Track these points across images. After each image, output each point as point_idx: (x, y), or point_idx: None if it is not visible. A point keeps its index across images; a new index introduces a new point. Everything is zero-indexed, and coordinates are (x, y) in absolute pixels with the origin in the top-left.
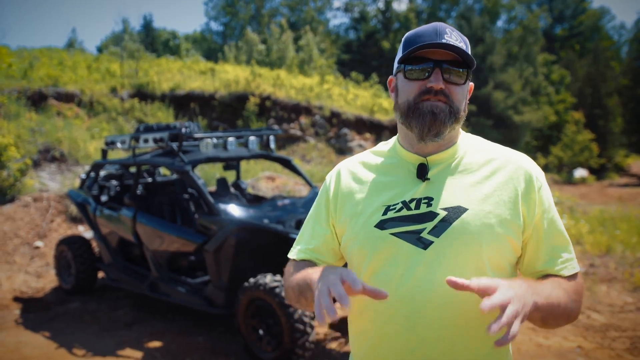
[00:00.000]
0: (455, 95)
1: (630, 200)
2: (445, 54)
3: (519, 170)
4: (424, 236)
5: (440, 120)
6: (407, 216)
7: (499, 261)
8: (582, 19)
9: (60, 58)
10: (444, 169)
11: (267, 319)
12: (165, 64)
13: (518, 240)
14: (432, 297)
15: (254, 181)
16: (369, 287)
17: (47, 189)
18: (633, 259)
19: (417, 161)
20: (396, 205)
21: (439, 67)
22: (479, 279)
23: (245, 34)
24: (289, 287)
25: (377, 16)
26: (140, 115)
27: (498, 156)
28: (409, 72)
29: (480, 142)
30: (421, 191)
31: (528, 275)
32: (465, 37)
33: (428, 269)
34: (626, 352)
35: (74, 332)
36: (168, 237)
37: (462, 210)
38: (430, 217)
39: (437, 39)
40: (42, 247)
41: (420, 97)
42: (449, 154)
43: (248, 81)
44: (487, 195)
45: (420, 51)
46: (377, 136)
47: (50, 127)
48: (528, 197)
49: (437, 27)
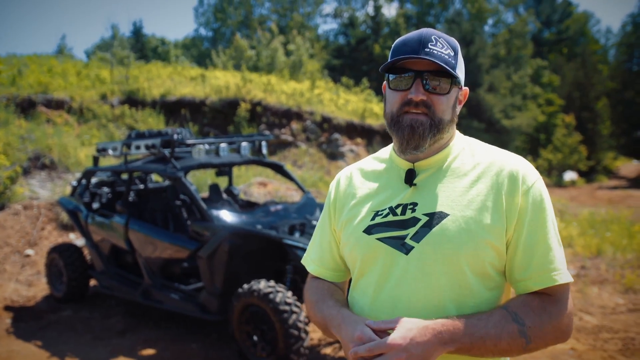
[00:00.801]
0: (438, 106)
1: (620, 202)
2: (428, 64)
3: (503, 172)
4: (407, 242)
5: (419, 134)
6: (392, 222)
7: (479, 266)
8: (568, 23)
9: (50, 65)
10: (432, 174)
11: (262, 324)
12: (155, 70)
13: (501, 244)
14: (411, 302)
15: (245, 187)
16: (377, 325)
17: (37, 196)
18: (623, 260)
19: (407, 167)
20: (383, 211)
21: (419, 78)
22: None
23: (235, 40)
24: (313, 315)
25: (366, 21)
26: (130, 122)
27: (485, 160)
28: (392, 82)
29: (474, 146)
30: (408, 197)
31: (511, 284)
32: (454, 41)
33: (408, 274)
34: (618, 353)
35: (67, 341)
36: (161, 244)
37: (443, 215)
38: (413, 223)
39: (420, 48)
40: (32, 255)
41: (402, 109)
42: (438, 159)
43: (239, 87)
44: (470, 200)
45: (403, 61)
46: (369, 141)
47: (40, 134)
48: (511, 200)
49: (422, 35)
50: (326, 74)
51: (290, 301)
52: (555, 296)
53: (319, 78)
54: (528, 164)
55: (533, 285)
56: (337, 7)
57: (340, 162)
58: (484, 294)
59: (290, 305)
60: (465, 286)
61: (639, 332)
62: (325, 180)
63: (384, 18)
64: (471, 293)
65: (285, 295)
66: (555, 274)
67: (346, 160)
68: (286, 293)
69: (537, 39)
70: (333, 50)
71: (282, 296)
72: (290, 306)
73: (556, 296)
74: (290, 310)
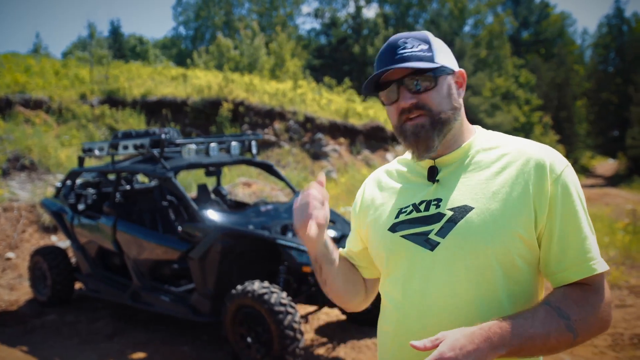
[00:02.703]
0: (432, 101)
1: (598, 200)
2: (403, 69)
3: (530, 162)
4: (432, 237)
5: (424, 137)
6: (416, 218)
7: (509, 259)
8: (546, 25)
9: (27, 64)
10: (455, 169)
11: (256, 326)
12: (135, 69)
13: (530, 235)
14: (439, 298)
15: (230, 187)
16: None
17: (17, 198)
18: (607, 257)
19: (428, 164)
20: (407, 208)
21: (401, 85)
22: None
23: (217, 39)
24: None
25: (347, 21)
26: (111, 122)
27: (510, 150)
28: (382, 98)
29: (498, 138)
30: (431, 193)
31: (546, 277)
32: (424, 34)
33: (435, 270)
34: (608, 348)
35: (53, 345)
36: (150, 245)
37: (467, 209)
38: (437, 218)
39: (392, 57)
40: (13, 258)
41: (401, 119)
42: (459, 154)
43: (221, 87)
44: (494, 192)
45: (384, 75)
46: (352, 141)
47: (20, 134)
48: (540, 190)
49: (390, 44)
50: (308, 73)
51: (285, 302)
52: (594, 285)
53: (301, 78)
54: (555, 152)
55: (572, 276)
56: (319, 7)
57: (323, 162)
58: (512, 287)
59: (285, 306)
60: (493, 279)
61: (627, 328)
62: (310, 180)
63: (365, 18)
64: (499, 286)
65: (280, 296)
66: (594, 263)
67: (329, 160)
68: (281, 294)
69: (514, 39)
70: (314, 50)
71: (277, 297)
72: (285, 307)
73: (595, 285)
74: (286, 311)
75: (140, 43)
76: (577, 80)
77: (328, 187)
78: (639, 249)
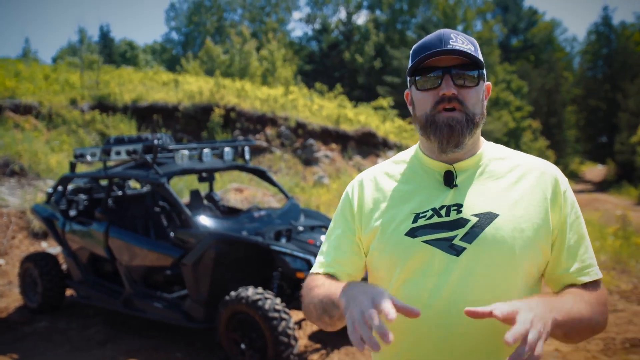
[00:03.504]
0: (469, 100)
1: (587, 205)
2: (453, 59)
3: (545, 175)
4: (456, 243)
5: (458, 131)
6: (439, 223)
7: (530, 267)
8: (535, 32)
9: (16, 69)
10: (470, 175)
11: (250, 332)
12: (126, 75)
13: (547, 245)
14: (468, 304)
15: (222, 193)
16: (401, 305)
17: (7, 204)
18: (598, 262)
19: (443, 168)
20: (426, 213)
21: (448, 74)
22: (499, 305)
23: (206, 44)
24: (310, 303)
25: (338, 27)
26: (101, 128)
27: (522, 162)
28: (419, 83)
29: (504, 150)
30: (450, 198)
31: (550, 281)
32: (472, 38)
33: (462, 276)
34: (600, 353)
35: (44, 353)
36: (143, 252)
37: (493, 216)
38: (462, 224)
39: (442, 45)
40: (3, 264)
41: (436, 108)
42: (474, 161)
43: (212, 92)
44: (516, 200)
45: (428, 61)
46: (343, 147)
47: (9, 140)
48: (555, 201)
49: (441, 35)
50: (299, 79)
51: (280, 308)
52: (600, 290)
53: (292, 84)
54: (556, 167)
55: (581, 279)
56: (310, 13)
57: (315, 168)
58: (525, 292)
59: (279, 312)
60: (513, 285)
61: (618, 332)
62: (302, 186)
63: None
64: (519, 291)
65: (274, 302)
66: (596, 269)
67: (321, 166)
68: (275, 300)
69: (504, 46)
70: (305, 55)
71: (271, 303)
72: (279, 313)
73: (600, 290)
74: (280, 317)
75: (131, 48)
76: (566, 87)
77: (319, 193)
78: (630, 254)
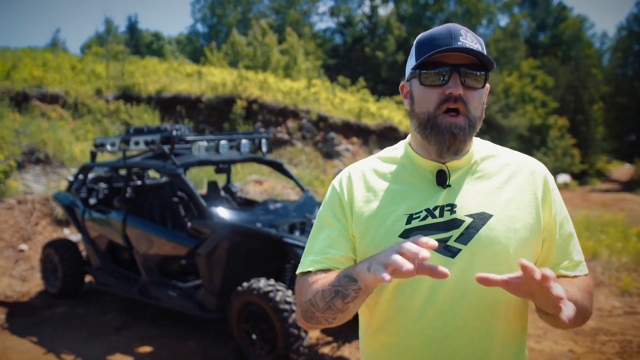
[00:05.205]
0: (473, 102)
1: (613, 205)
2: (461, 57)
3: (534, 174)
4: (451, 244)
5: (460, 139)
6: (433, 224)
7: None
8: (563, 27)
9: (44, 59)
10: (462, 175)
11: (261, 323)
12: (151, 66)
13: (539, 243)
14: (464, 306)
15: (242, 184)
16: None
17: (31, 191)
18: (619, 263)
19: (436, 168)
20: (420, 214)
21: (456, 72)
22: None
23: (232, 36)
24: (313, 296)
25: (362, 21)
26: (125, 118)
27: (512, 161)
28: (424, 78)
29: (492, 147)
30: (443, 198)
31: None
32: (479, 37)
33: (458, 278)
34: (616, 355)
35: (62, 337)
36: (159, 241)
37: (487, 216)
38: (456, 225)
39: (453, 42)
40: (26, 250)
41: (440, 107)
42: (466, 160)
43: (235, 84)
44: (508, 200)
45: (436, 56)
46: (364, 140)
47: (35, 128)
48: (545, 200)
49: (451, 29)
50: (322, 72)
51: (291, 300)
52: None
53: (315, 77)
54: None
55: (571, 272)
56: (334, 5)
57: (335, 161)
58: None
59: (290, 304)
60: None
61: (635, 335)
62: (321, 179)
63: (380, 18)
64: None
65: (286, 294)
66: (584, 266)
67: (342, 160)
68: (286, 292)
69: (531, 41)
70: (329, 49)
71: (282, 295)
72: (290, 305)
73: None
74: (290, 309)
75: (157, 39)
76: (594, 84)
77: None
78: None
